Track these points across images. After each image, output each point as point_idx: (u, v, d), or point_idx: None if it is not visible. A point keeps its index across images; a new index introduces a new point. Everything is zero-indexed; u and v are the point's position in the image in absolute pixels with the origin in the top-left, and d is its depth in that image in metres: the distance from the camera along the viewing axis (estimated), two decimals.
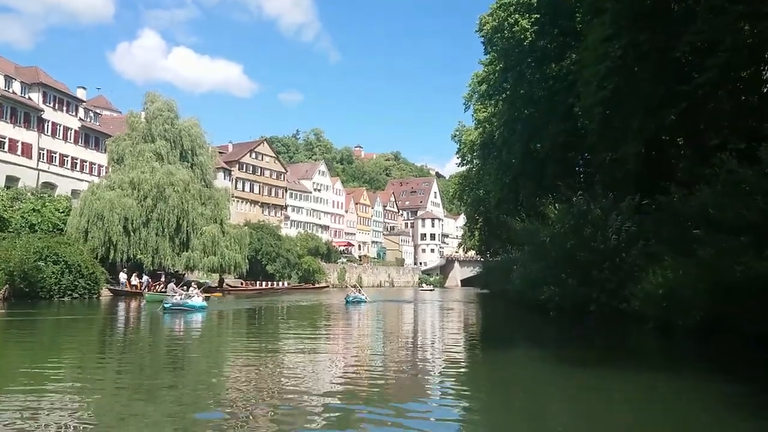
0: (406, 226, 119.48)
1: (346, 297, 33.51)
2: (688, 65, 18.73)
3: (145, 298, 30.53)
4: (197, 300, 24.20)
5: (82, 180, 47.15)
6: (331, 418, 6.71)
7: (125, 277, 35.26)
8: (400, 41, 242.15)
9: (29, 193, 38.04)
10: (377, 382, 9.24)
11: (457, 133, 52.09)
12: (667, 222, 15.85)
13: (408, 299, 45.08)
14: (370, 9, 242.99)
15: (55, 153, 46.85)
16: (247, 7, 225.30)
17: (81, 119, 49.96)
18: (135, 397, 7.71)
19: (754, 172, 12.22)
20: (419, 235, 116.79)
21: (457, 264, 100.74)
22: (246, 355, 12.22)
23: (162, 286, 34.18)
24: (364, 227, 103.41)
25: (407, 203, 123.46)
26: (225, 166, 67.75)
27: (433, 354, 13.34)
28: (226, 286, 46.74)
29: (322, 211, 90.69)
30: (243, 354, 12.52)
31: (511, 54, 32.91)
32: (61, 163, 47.59)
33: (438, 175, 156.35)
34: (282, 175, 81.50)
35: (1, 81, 42.53)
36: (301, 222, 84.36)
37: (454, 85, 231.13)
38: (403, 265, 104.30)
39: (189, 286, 28.45)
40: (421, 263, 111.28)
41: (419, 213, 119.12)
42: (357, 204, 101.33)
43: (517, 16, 31.82)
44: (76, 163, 49.08)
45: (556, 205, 22.60)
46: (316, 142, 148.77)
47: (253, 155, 76.16)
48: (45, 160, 45.85)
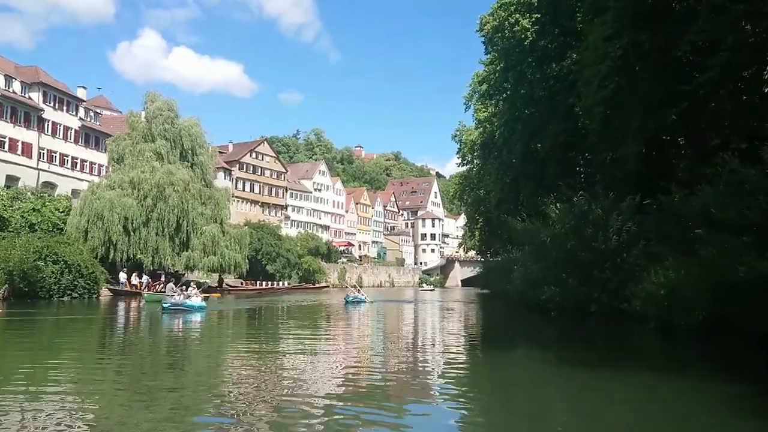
0: (407, 226, 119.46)
1: (345, 297, 33.49)
2: (689, 65, 18.69)
3: (144, 298, 30.50)
4: (196, 300, 24.21)
5: (82, 180, 47.11)
6: (332, 418, 6.68)
7: (125, 277, 35.22)
8: (401, 41, 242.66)
9: (29, 193, 37.99)
10: (377, 383, 9.21)
11: (457, 133, 52.11)
12: (668, 222, 15.80)
13: (408, 299, 45.04)
14: (371, 9, 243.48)
15: (55, 152, 46.81)
16: (248, 6, 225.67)
17: (81, 119, 49.92)
18: (134, 399, 7.66)
19: (756, 172, 12.19)
20: (419, 235, 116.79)
21: (457, 264, 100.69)
22: (246, 356, 12.17)
23: (162, 285, 34.15)
24: (364, 227, 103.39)
25: (407, 203, 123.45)
26: (225, 165, 67.72)
27: (434, 354, 13.31)
28: (226, 286, 46.71)
29: (322, 211, 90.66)
30: (243, 355, 12.47)
31: (511, 54, 32.90)
32: (61, 163, 47.56)
33: (438, 175, 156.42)
34: (282, 175, 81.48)
35: (1, 80, 42.48)
36: (301, 222, 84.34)
37: (454, 85, 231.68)
38: (403, 265, 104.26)
39: (188, 286, 28.39)
40: (421, 263, 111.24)
41: (419, 213, 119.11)
42: (357, 204, 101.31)
43: (517, 15, 31.84)
44: (76, 162, 49.04)
45: (558, 205, 22.53)
46: (316, 142, 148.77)
47: (254, 155, 76.14)
48: (45, 160, 45.81)
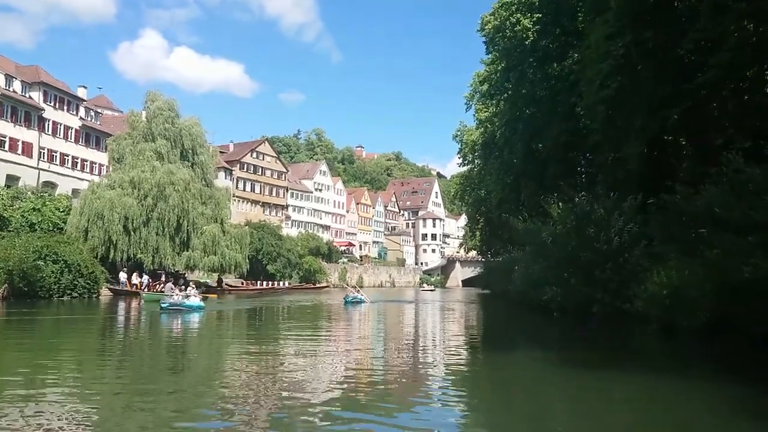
0: (407, 226, 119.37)
1: (345, 297, 33.48)
2: (691, 64, 18.59)
3: (143, 297, 30.39)
4: (194, 300, 24.18)
5: (82, 179, 47.02)
6: (332, 418, 6.65)
7: (125, 277, 35.16)
8: (401, 41, 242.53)
9: (29, 192, 37.94)
10: (378, 383, 9.16)
11: (458, 133, 51.97)
12: (672, 222, 15.70)
13: (409, 299, 44.98)
14: (372, 9, 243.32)
15: (55, 152, 46.76)
16: (249, 6, 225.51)
17: (81, 118, 49.87)
18: (134, 399, 7.60)
19: (761, 171, 12.09)
20: (420, 236, 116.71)
21: (458, 264, 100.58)
22: (245, 357, 12.08)
23: (162, 285, 34.07)
24: (365, 227, 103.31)
25: (408, 203, 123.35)
26: (226, 165, 67.67)
27: (434, 355, 13.23)
28: (226, 286, 46.65)
29: (323, 211, 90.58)
30: (242, 355, 12.38)
31: (512, 53, 32.82)
32: (62, 163, 47.50)
33: (439, 175, 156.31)
34: (283, 175, 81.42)
35: (1, 80, 42.41)
36: (302, 222, 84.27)
37: (454, 85, 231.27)
38: (404, 266, 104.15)
39: (187, 286, 28.32)
40: (422, 263, 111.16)
41: (420, 213, 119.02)
42: (358, 204, 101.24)
43: (519, 15, 31.74)
44: (76, 162, 48.98)
45: (560, 204, 22.43)
46: (317, 142, 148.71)
47: (254, 155, 76.07)
48: (45, 159, 45.75)
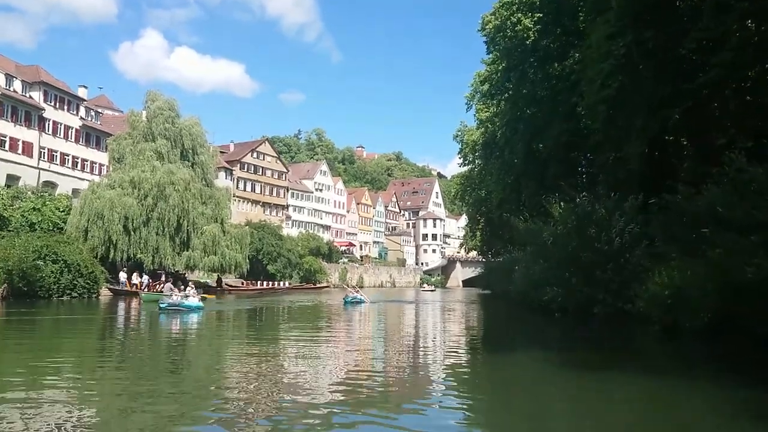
0: (408, 226, 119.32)
1: (344, 297, 33.48)
2: (692, 64, 18.53)
3: (142, 297, 30.29)
4: (193, 300, 24.12)
5: (82, 179, 46.98)
6: (332, 419, 6.63)
7: (125, 277, 35.10)
8: (402, 41, 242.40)
9: (30, 192, 37.92)
10: (378, 384, 9.12)
11: (459, 133, 51.97)
12: (674, 221, 15.63)
13: (409, 300, 44.94)
14: (372, 9, 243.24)
15: (55, 152, 46.73)
16: (250, 6, 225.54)
17: (82, 118, 49.84)
18: (133, 400, 7.57)
19: (764, 170, 12.03)
20: (421, 236, 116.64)
21: (458, 264, 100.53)
22: (245, 358, 12.01)
23: (161, 285, 34.01)
24: (365, 227, 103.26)
25: (409, 203, 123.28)
26: (226, 165, 67.64)
27: (435, 355, 13.18)
28: (226, 286, 46.60)
29: (323, 211, 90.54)
30: (242, 357, 12.30)
31: (513, 53, 32.77)
32: (62, 162, 47.46)
33: (440, 175, 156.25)
34: (283, 175, 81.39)
35: (1, 80, 42.39)
36: (302, 222, 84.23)
37: (455, 85, 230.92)
38: (404, 266, 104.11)
39: (186, 286, 28.26)
40: (422, 263, 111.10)
41: (421, 213, 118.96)
42: (358, 204, 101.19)
43: (519, 15, 31.69)
44: (76, 162, 48.95)
45: (561, 204, 22.37)
46: (317, 142, 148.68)
47: (255, 155, 76.03)
48: (46, 159, 45.71)
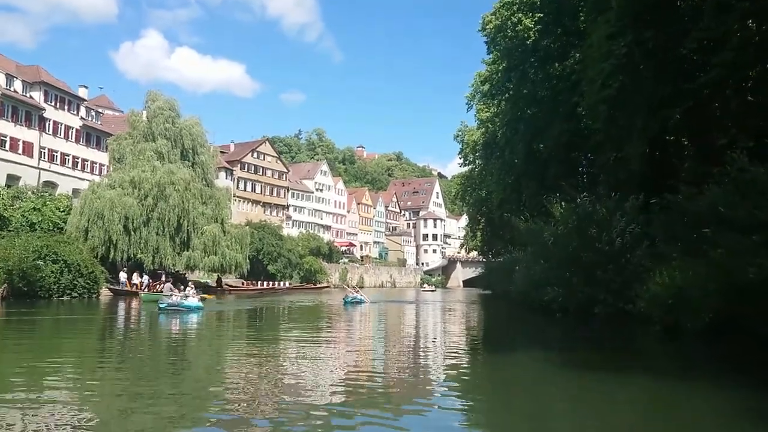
0: (408, 226, 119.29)
1: (344, 298, 33.53)
2: (692, 63, 18.50)
3: (141, 297, 30.22)
4: (193, 300, 24.07)
5: (83, 179, 46.97)
6: (333, 421, 6.61)
7: (125, 277, 35.07)
8: (402, 41, 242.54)
9: (30, 192, 37.91)
10: (379, 384, 9.09)
11: (459, 134, 51.92)
12: (675, 221, 15.58)
13: (410, 300, 44.91)
14: (373, 9, 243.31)
15: (56, 152, 46.72)
16: (250, 6, 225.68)
17: (82, 118, 49.83)
18: (133, 401, 7.54)
19: (765, 170, 11.98)
20: (421, 236, 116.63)
21: (459, 264, 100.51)
22: (245, 359, 11.96)
23: (161, 285, 33.96)
24: (366, 227, 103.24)
25: (409, 203, 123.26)
26: (227, 165, 67.62)
27: (435, 355, 13.14)
28: (226, 286, 46.55)
29: (324, 211, 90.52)
30: (242, 358, 12.24)
31: (514, 53, 32.73)
32: (62, 162, 47.45)
33: (440, 175, 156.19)
34: (284, 175, 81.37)
35: (2, 79, 42.39)
36: (302, 222, 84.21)
37: (455, 85, 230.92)
38: (404, 266, 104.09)
39: (186, 286, 28.22)
40: (423, 264, 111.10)
41: (421, 213, 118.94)
42: (359, 204, 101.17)
43: (520, 15, 31.66)
44: (77, 162, 48.94)
45: (563, 204, 22.32)
46: (318, 142, 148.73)
47: (255, 155, 76.02)
48: (46, 159, 45.70)
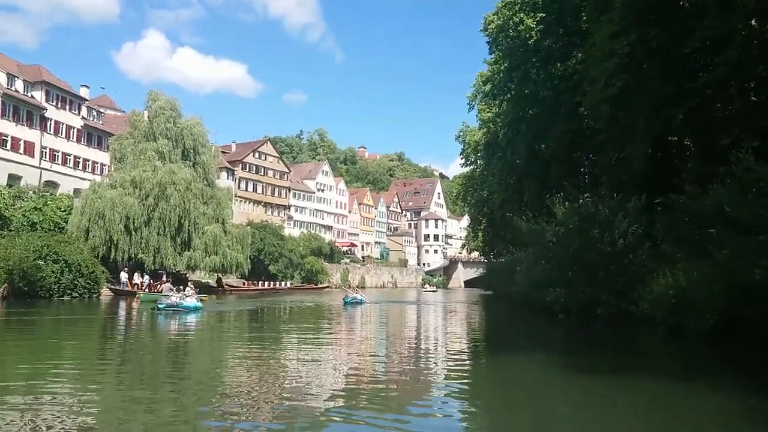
0: (410, 226, 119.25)
1: (344, 298, 33.56)
2: (695, 63, 18.39)
3: (140, 298, 30.10)
4: (191, 301, 23.99)
5: (84, 179, 46.96)
6: (334, 423, 6.58)
7: (126, 277, 35.01)
8: (404, 41, 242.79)
9: (31, 192, 37.93)
10: (379, 386, 9.05)
11: (461, 134, 51.82)
12: (679, 222, 15.46)
13: (411, 300, 44.85)
14: (375, 9, 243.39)
15: (57, 151, 46.70)
16: (252, 7, 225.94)
17: (84, 118, 49.84)
18: (133, 401, 7.49)
19: None
20: (422, 236, 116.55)
21: (460, 265, 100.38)
22: (246, 361, 11.85)
23: (161, 285, 33.87)
24: (367, 228, 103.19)
25: (411, 204, 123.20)
26: (228, 165, 67.60)
27: (436, 356, 13.06)
28: (227, 286, 46.47)
29: (325, 212, 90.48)
30: (243, 359, 12.13)
31: (516, 53, 32.60)
32: (64, 162, 47.44)
33: (442, 175, 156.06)
34: (285, 175, 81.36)
35: (3, 79, 42.40)
36: (304, 222, 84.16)
37: (456, 85, 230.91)
38: (406, 266, 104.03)
39: (186, 286, 28.15)
40: (424, 264, 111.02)
41: (423, 214, 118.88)
42: (360, 204, 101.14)
43: (522, 15, 31.53)
44: (78, 161, 48.93)
45: (566, 204, 22.21)
46: (319, 143, 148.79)
47: (257, 155, 76.02)
48: (47, 159, 45.69)
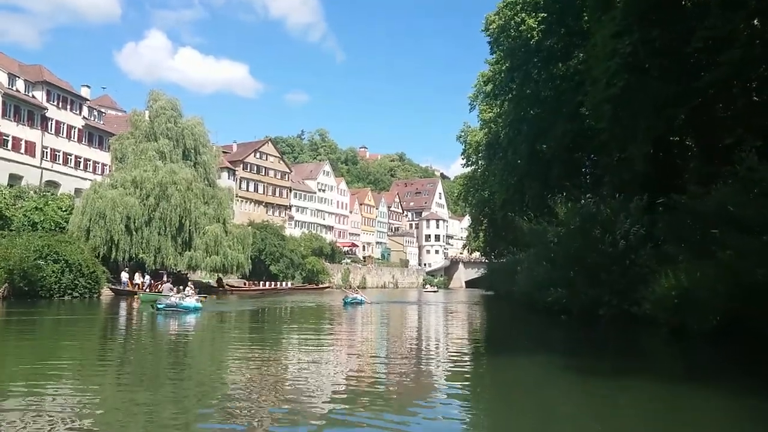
0: (411, 227, 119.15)
1: (344, 299, 33.57)
2: (698, 62, 18.31)
3: (140, 298, 30.07)
4: (191, 301, 23.96)
5: (85, 179, 46.98)
6: (335, 424, 6.57)
7: (127, 277, 35.00)
8: (405, 42, 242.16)
9: (32, 192, 37.94)
10: (381, 387, 9.02)
11: (462, 134, 51.73)
12: (682, 222, 15.38)
13: (412, 300, 44.81)
14: (376, 9, 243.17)
15: (58, 151, 46.75)
16: (253, 7, 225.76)
17: (85, 118, 49.87)
18: (133, 405, 7.42)
19: None
20: (424, 236, 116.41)
21: (461, 265, 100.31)
22: (246, 362, 11.82)
23: (161, 285, 33.84)
24: (368, 228, 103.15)
25: (412, 204, 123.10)
26: (229, 165, 67.58)
27: (437, 358, 13.02)
28: (227, 286, 46.44)
29: (326, 212, 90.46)
30: (243, 360, 12.09)
31: (517, 53, 32.54)
32: (65, 162, 47.47)
33: (443, 176, 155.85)
34: (286, 175, 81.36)
35: (5, 79, 42.44)
36: (305, 222, 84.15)
37: (457, 85, 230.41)
38: (407, 266, 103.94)
39: (186, 286, 28.12)
40: (425, 264, 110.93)
41: (424, 214, 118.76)
42: (361, 204, 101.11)
43: (523, 15, 31.49)
44: (79, 161, 48.97)
45: (567, 204, 22.14)
46: (320, 143, 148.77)
47: (258, 155, 76.03)
48: (48, 159, 45.74)
